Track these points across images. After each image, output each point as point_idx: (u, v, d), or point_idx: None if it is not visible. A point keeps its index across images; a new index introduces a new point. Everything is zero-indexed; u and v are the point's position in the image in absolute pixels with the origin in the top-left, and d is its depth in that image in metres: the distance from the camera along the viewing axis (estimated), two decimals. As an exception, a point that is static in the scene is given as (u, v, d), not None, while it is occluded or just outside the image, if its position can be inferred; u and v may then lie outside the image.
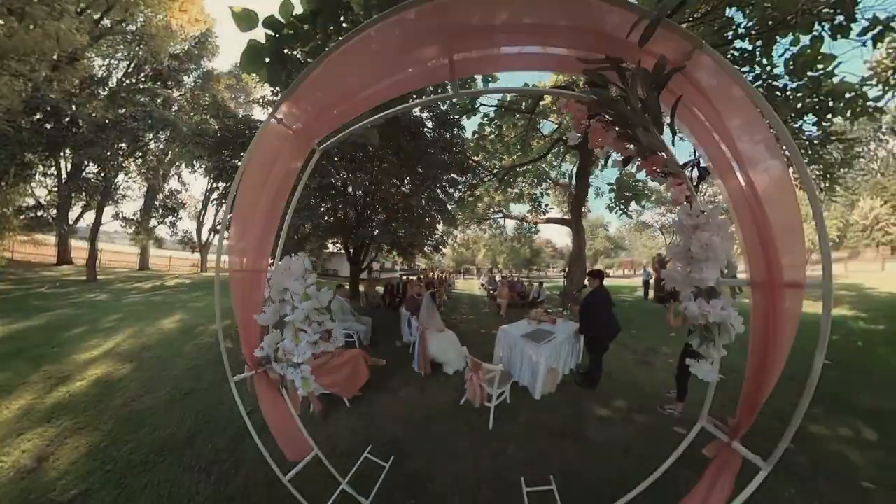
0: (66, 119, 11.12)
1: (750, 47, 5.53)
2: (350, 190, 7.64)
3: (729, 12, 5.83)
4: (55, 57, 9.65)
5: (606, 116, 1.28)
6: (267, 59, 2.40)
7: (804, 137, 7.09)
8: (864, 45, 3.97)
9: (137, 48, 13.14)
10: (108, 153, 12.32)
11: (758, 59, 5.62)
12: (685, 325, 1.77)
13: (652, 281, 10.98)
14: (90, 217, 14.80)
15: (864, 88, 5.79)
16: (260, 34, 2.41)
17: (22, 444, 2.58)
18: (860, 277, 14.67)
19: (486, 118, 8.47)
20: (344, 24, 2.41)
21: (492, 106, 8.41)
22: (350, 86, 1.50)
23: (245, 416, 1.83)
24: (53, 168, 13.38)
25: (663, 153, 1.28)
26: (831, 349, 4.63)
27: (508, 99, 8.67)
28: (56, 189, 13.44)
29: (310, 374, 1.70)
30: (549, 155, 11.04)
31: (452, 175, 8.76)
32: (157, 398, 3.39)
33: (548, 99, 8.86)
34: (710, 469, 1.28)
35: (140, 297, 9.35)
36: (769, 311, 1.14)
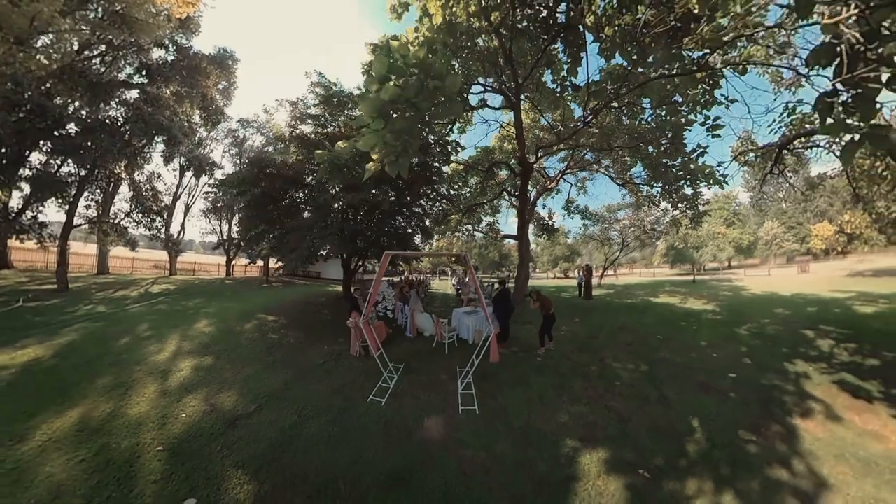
0: (51, 120, 10.38)
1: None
2: (349, 213, 9.71)
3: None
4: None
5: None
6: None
7: (683, 193, 10.81)
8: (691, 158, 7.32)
9: (116, 30, 11.59)
10: (97, 156, 11.60)
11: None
12: (536, 308, 4.99)
13: (584, 283, 14.32)
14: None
15: (724, 165, 9.42)
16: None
17: (184, 406, 3.99)
18: (749, 281, 19.41)
19: (455, 172, 11.49)
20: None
21: (461, 164, 11.49)
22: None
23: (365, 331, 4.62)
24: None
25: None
26: (674, 329, 8.37)
27: (472, 158, 12.02)
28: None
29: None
30: (502, 194, 15.26)
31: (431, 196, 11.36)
32: (257, 367, 5.39)
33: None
34: (493, 339, 4.78)
35: (141, 307, 9.68)
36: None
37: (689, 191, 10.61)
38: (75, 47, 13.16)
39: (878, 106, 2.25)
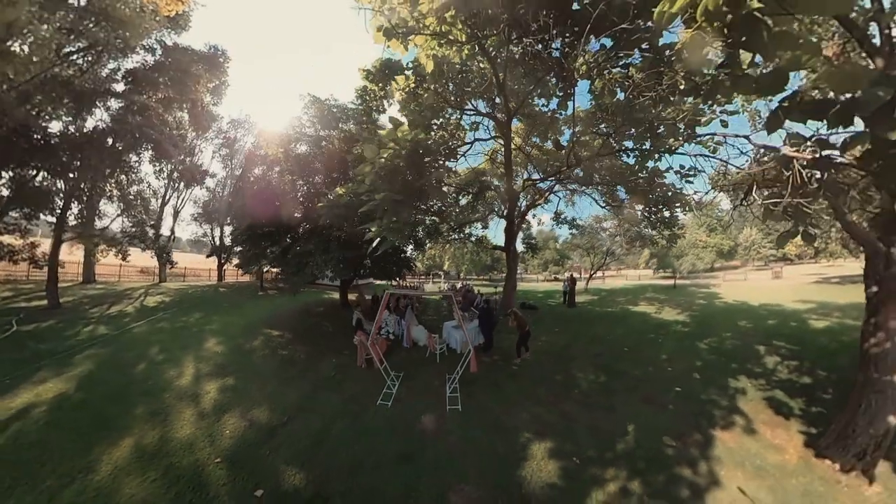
0: (36, 137, 10.48)
1: (633, 160, 9.80)
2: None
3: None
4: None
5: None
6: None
7: (661, 216, 11.99)
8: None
9: (101, 32, 10.86)
10: (87, 174, 11.91)
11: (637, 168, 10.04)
12: (514, 326, 6.92)
13: (568, 291, 15.54)
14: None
15: (699, 193, 10.60)
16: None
17: (225, 424, 4.78)
18: (726, 287, 20.89)
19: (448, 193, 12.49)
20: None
21: (451, 185, 12.38)
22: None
23: (373, 352, 5.56)
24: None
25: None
26: (643, 341, 9.83)
27: (464, 178, 12.97)
28: None
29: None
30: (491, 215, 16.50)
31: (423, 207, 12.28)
32: (276, 383, 6.31)
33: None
34: (472, 354, 6.43)
35: (143, 326, 9.75)
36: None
37: (667, 213, 11.79)
38: (54, 45, 12.45)
39: (810, 218, 2.99)
